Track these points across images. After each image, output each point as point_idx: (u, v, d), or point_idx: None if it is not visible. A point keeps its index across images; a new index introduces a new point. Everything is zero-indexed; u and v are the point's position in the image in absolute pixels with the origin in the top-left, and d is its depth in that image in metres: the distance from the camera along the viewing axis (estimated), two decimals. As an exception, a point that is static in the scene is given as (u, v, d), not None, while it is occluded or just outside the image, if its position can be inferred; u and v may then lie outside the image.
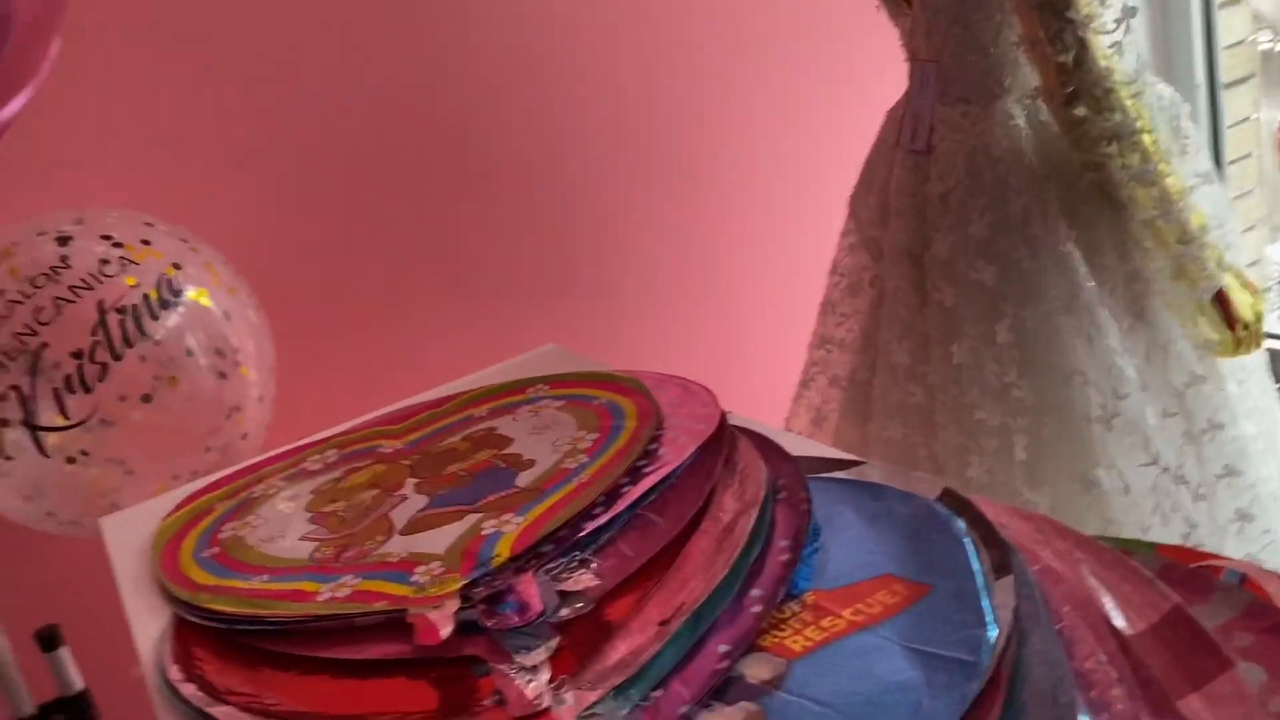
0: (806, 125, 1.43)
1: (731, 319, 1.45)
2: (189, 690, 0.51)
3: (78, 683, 0.93)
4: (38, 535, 0.94)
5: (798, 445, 0.61)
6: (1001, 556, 0.44)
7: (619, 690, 0.42)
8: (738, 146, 1.41)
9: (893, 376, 1.01)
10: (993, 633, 0.40)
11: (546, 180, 1.30)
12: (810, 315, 1.16)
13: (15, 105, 0.74)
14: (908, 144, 1.01)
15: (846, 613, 0.45)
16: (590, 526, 0.55)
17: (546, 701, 0.43)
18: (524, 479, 0.64)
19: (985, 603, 0.42)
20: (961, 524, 0.48)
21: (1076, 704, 0.36)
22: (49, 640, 0.92)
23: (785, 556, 0.50)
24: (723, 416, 0.63)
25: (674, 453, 0.61)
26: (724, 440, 0.61)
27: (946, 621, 0.42)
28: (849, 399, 1.09)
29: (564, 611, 0.48)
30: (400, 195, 1.22)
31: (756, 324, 1.44)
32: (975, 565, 0.44)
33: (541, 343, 0.91)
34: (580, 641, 0.47)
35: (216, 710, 0.48)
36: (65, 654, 0.93)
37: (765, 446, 0.61)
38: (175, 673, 0.53)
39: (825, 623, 0.45)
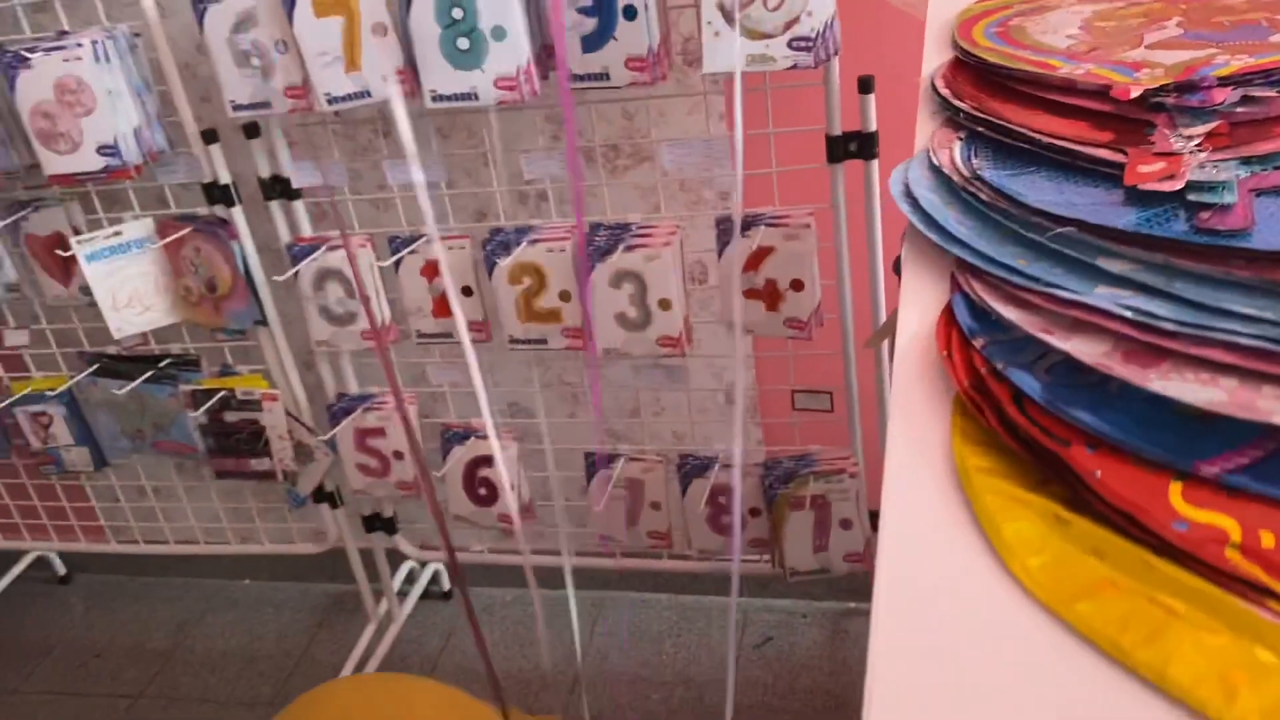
0: None
1: None
2: (944, 90, 0.70)
3: (872, 124, 1.21)
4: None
5: None
6: None
7: (1250, 159, 0.52)
8: None
9: None
10: None
11: None
12: None
13: None
14: None
15: None
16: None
17: (1184, 150, 0.53)
18: None
19: None
20: None
21: None
22: (865, 85, 1.20)
23: None
24: None
25: None
26: None
27: None
28: None
29: (1241, 109, 0.56)
30: None
31: None
32: None
33: None
34: (1242, 133, 0.55)
35: (958, 103, 0.66)
36: (871, 100, 1.21)
37: None
38: (940, 81, 0.72)
39: None
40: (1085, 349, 0.40)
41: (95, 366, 1.84)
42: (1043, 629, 0.30)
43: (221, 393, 1.74)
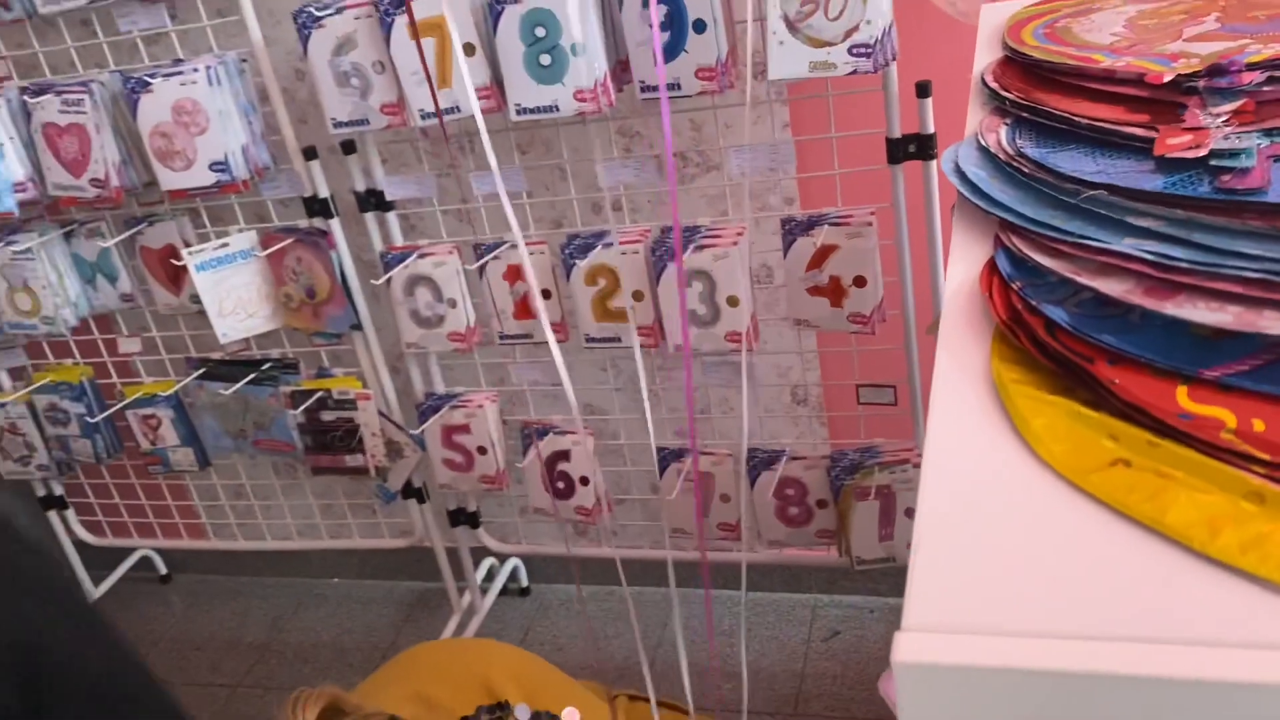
0: None
1: None
2: (993, 83, 0.76)
3: (930, 126, 1.27)
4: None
5: None
6: None
7: (1271, 130, 0.57)
8: None
9: None
10: None
11: None
12: None
13: None
14: None
15: None
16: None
17: (1209, 125, 0.59)
18: (1310, 25, 0.73)
19: None
20: None
21: None
22: (923, 89, 1.26)
23: None
24: None
25: None
26: None
27: None
28: None
29: (1267, 87, 0.61)
30: None
31: None
32: None
33: None
34: (1266, 110, 0.60)
35: (1005, 93, 0.72)
36: (929, 103, 1.26)
37: None
38: (989, 76, 0.78)
39: None
40: (1111, 286, 0.46)
41: (201, 371, 1.96)
42: (1064, 496, 0.36)
43: (319, 393, 1.85)
